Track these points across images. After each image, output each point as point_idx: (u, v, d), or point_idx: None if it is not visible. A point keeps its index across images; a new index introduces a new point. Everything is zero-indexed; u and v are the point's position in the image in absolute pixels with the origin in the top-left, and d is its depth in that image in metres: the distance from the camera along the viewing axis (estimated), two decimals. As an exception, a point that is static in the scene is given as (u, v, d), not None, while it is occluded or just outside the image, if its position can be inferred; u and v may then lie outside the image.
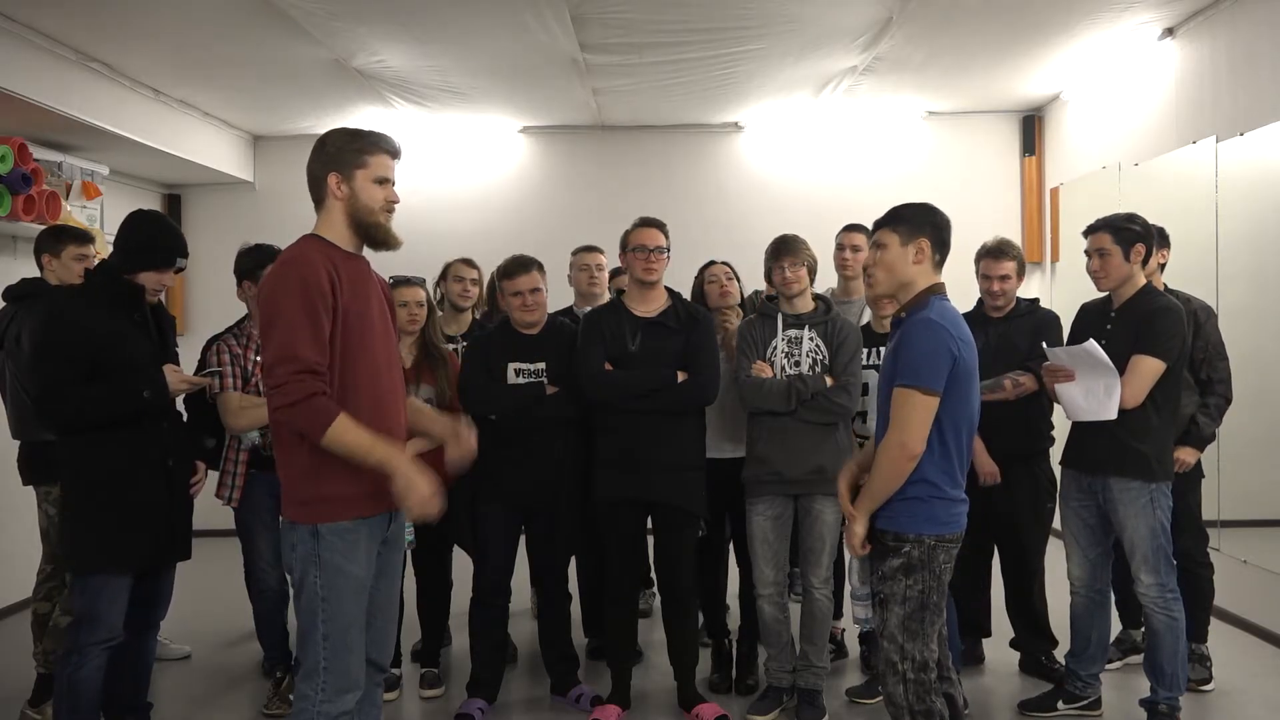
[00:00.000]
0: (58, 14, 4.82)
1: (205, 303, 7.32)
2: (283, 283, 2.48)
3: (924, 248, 2.76)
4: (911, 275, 2.78)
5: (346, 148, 2.61)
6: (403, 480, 2.46)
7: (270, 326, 2.47)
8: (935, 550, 2.70)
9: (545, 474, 3.84)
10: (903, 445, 2.65)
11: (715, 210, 7.30)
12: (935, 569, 2.70)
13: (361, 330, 2.57)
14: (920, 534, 2.69)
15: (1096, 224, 3.68)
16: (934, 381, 2.63)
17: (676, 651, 3.92)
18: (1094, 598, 3.75)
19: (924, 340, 2.67)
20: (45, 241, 4.09)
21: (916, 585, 2.68)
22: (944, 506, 2.71)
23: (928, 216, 2.81)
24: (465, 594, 4.06)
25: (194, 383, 3.33)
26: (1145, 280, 3.62)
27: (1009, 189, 7.46)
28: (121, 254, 3.24)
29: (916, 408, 2.64)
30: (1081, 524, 3.72)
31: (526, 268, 3.88)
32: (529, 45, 5.46)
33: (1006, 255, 4.11)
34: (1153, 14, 5.20)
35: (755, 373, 3.77)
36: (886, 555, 2.74)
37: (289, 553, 2.58)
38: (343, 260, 2.58)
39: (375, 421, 2.55)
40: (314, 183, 2.64)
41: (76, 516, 3.15)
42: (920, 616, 2.70)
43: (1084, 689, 3.81)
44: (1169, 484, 3.55)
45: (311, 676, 2.53)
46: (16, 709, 3.96)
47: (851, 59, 5.89)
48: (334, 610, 2.52)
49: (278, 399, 2.44)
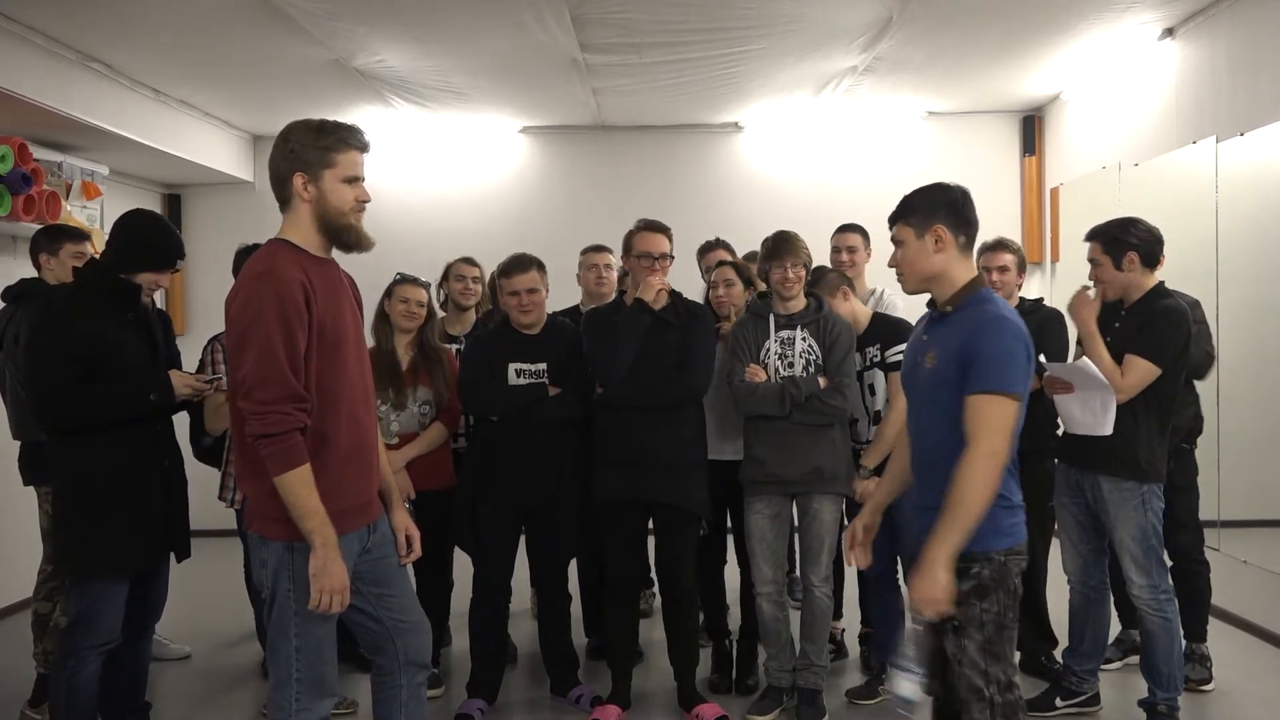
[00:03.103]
0: (58, 14, 4.82)
1: (205, 303, 7.30)
2: (257, 299, 2.36)
3: (941, 234, 2.51)
4: (939, 267, 2.52)
5: (312, 145, 2.46)
6: (319, 562, 2.37)
7: (245, 345, 2.36)
8: (1007, 565, 2.44)
9: (545, 474, 3.84)
10: (996, 455, 2.35)
11: (715, 210, 7.28)
12: (1009, 585, 2.44)
13: (336, 340, 2.48)
14: (988, 550, 2.41)
15: (1091, 233, 3.66)
16: (1018, 384, 2.39)
17: (676, 651, 3.92)
18: (1089, 594, 3.75)
19: (1000, 339, 2.41)
20: (41, 241, 4.10)
21: (993, 607, 2.42)
22: (1008, 515, 2.46)
23: (939, 197, 2.55)
24: (465, 594, 4.06)
25: (198, 387, 3.32)
26: (1156, 282, 3.57)
27: (1009, 189, 7.46)
28: (118, 254, 3.22)
29: (1003, 412, 2.37)
30: (1073, 520, 3.72)
31: (525, 267, 3.87)
32: (529, 45, 5.46)
33: (1005, 248, 4.13)
34: (1153, 14, 5.20)
35: (748, 377, 3.76)
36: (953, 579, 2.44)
37: (259, 568, 2.50)
38: (313, 266, 2.47)
39: (351, 430, 2.51)
40: (278, 182, 2.50)
41: (74, 520, 3.13)
42: (999, 637, 2.45)
43: (1079, 684, 3.81)
44: (1160, 485, 3.54)
45: (284, 687, 2.47)
46: (16, 709, 3.96)
47: (851, 59, 5.89)
48: (306, 626, 2.45)
49: (257, 425, 2.34)
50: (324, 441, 2.45)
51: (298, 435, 2.37)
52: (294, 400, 2.37)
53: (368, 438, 2.60)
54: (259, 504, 2.48)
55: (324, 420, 2.45)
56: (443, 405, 4.09)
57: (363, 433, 2.57)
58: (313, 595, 2.39)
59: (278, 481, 2.36)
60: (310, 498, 2.37)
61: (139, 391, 3.14)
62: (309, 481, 2.37)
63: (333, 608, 2.41)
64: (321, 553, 2.38)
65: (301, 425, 2.38)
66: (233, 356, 2.43)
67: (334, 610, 2.42)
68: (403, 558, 2.75)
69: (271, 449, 2.35)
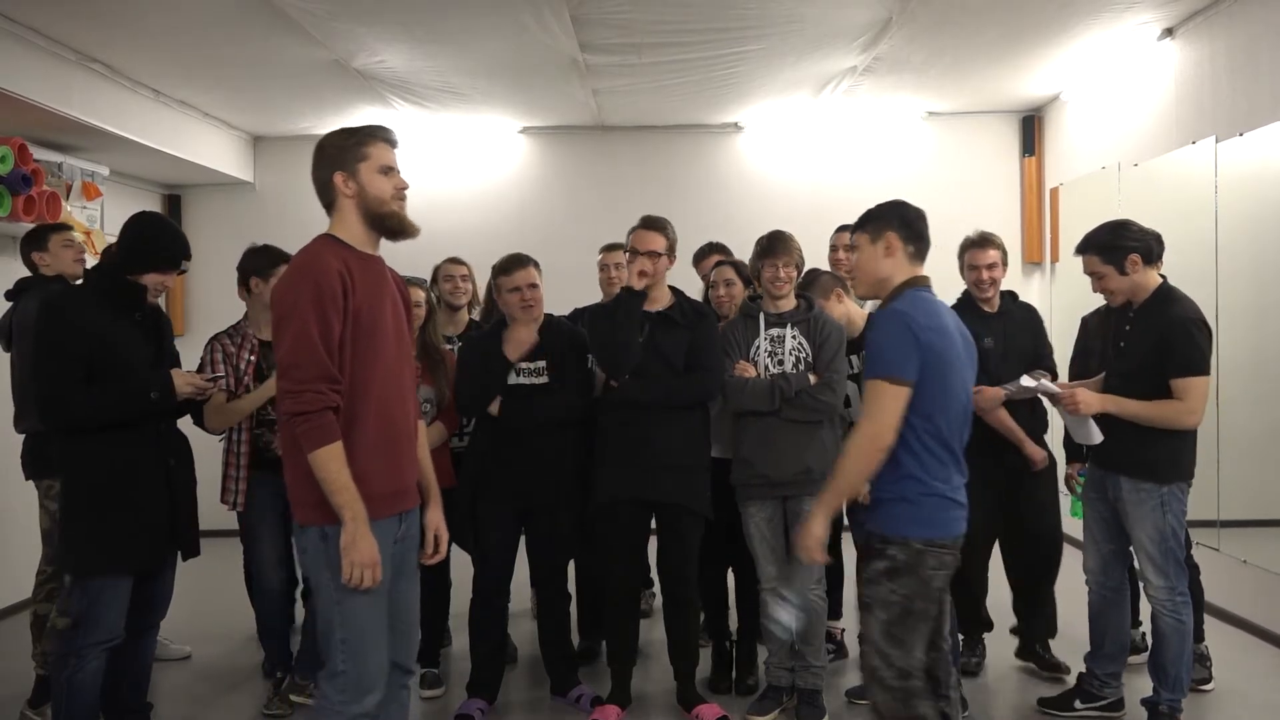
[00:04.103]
0: (58, 14, 4.82)
1: (205, 303, 7.32)
2: (296, 284, 2.50)
3: (891, 241, 2.72)
4: (886, 271, 2.74)
5: (345, 145, 2.61)
6: (349, 536, 2.45)
7: (284, 327, 2.49)
8: (923, 555, 2.57)
9: (545, 474, 3.84)
10: (872, 436, 2.55)
11: (715, 210, 7.28)
12: (922, 575, 2.57)
13: (373, 331, 2.57)
14: (906, 536, 2.58)
15: (1083, 245, 3.62)
16: (899, 370, 2.54)
17: (677, 651, 3.92)
18: (1108, 594, 3.73)
19: (884, 329, 2.64)
20: (29, 242, 4.22)
21: (900, 590, 2.57)
22: (935, 506, 2.60)
23: (893, 211, 2.78)
24: (465, 594, 4.06)
25: (201, 385, 3.33)
26: (1160, 279, 3.55)
27: (1009, 189, 7.46)
28: (126, 254, 3.26)
29: (884, 397, 2.55)
30: (1096, 516, 3.71)
31: (523, 264, 3.89)
32: (529, 45, 5.46)
33: (991, 244, 4.15)
34: (1152, 14, 5.20)
35: (738, 372, 3.76)
36: (872, 557, 2.65)
37: (301, 555, 2.61)
38: (356, 260, 2.58)
39: (381, 419, 2.57)
40: (322, 188, 2.64)
41: (77, 519, 3.14)
42: (903, 623, 2.58)
43: (1101, 688, 3.78)
44: (1183, 486, 3.51)
45: (333, 678, 2.55)
46: (16, 710, 3.96)
47: (851, 59, 5.89)
48: (349, 614, 2.52)
49: (291, 404, 2.46)
50: (351, 427, 2.52)
51: (330, 414, 2.47)
52: (327, 380, 2.47)
53: (400, 428, 2.66)
54: (295, 489, 2.56)
55: (353, 406, 2.52)
56: (443, 405, 4.09)
57: (394, 423, 2.63)
58: (344, 569, 2.46)
59: (311, 458, 2.45)
60: (341, 473, 2.46)
61: (139, 390, 3.15)
62: (340, 458, 2.46)
63: (364, 582, 2.47)
64: (351, 526, 2.45)
65: (334, 405, 2.48)
66: (276, 339, 2.53)
67: (365, 585, 2.47)
68: (428, 557, 2.82)
69: (305, 426, 2.44)
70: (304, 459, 2.48)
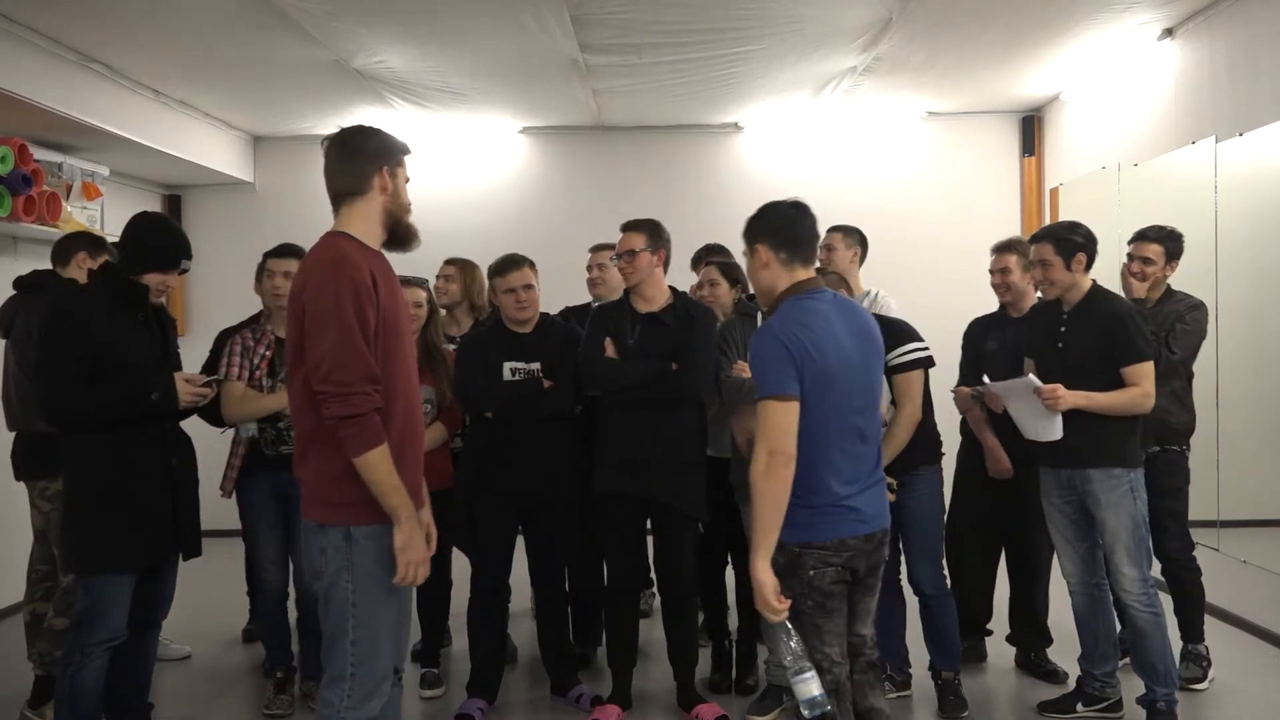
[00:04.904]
0: (58, 14, 4.82)
1: (206, 303, 7.31)
2: (334, 283, 2.44)
3: (761, 252, 2.69)
4: (767, 282, 2.70)
5: (391, 146, 2.63)
6: (405, 536, 2.45)
7: (323, 328, 2.43)
8: (802, 557, 2.58)
9: (543, 474, 3.85)
10: (775, 453, 2.51)
11: (714, 211, 7.26)
12: (802, 576, 2.58)
13: (396, 330, 2.56)
14: (782, 540, 2.56)
15: (1040, 233, 3.75)
16: (782, 388, 2.52)
17: (676, 651, 3.92)
18: (1091, 593, 3.75)
19: (756, 348, 2.62)
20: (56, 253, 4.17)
21: (787, 592, 2.55)
22: (805, 514, 2.57)
23: (758, 222, 2.75)
24: (465, 594, 4.06)
25: (200, 392, 3.32)
26: (1091, 283, 3.66)
27: (1009, 189, 7.46)
28: (127, 255, 3.27)
29: (774, 415, 2.52)
30: (1066, 520, 3.72)
31: (519, 264, 3.91)
32: (529, 46, 5.46)
33: (1007, 250, 4.20)
34: (1152, 14, 5.20)
35: (735, 373, 3.77)
36: None
37: (317, 556, 2.53)
38: (374, 259, 2.57)
39: (405, 417, 2.56)
40: (355, 176, 2.58)
41: (80, 517, 3.15)
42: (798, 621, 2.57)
43: (1101, 689, 3.79)
44: (1141, 471, 3.60)
45: (337, 683, 2.50)
46: (16, 710, 3.96)
47: (851, 59, 5.89)
48: (364, 616, 2.49)
49: (339, 407, 2.40)
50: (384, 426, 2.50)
51: (376, 415, 2.44)
52: (372, 381, 2.45)
53: (417, 427, 2.66)
54: (319, 489, 2.52)
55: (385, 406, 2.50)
56: (444, 405, 4.09)
57: (414, 421, 2.64)
58: (399, 569, 2.47)
59: (359, 462, 2.41)
60: (392, 475, 2.45)
61: (140, 391, 3.15)
62: (389, 459, 2.45)
63: (417, 580, 2.50)
64: (406, 526, 2.46)
65: (379, 405, 2.46)
66: (310, 339, 2.46)
67: (419, 582, 2.52)
68: None
69: (353, 430, 2.41)
70: (338, 460, 2.44)
